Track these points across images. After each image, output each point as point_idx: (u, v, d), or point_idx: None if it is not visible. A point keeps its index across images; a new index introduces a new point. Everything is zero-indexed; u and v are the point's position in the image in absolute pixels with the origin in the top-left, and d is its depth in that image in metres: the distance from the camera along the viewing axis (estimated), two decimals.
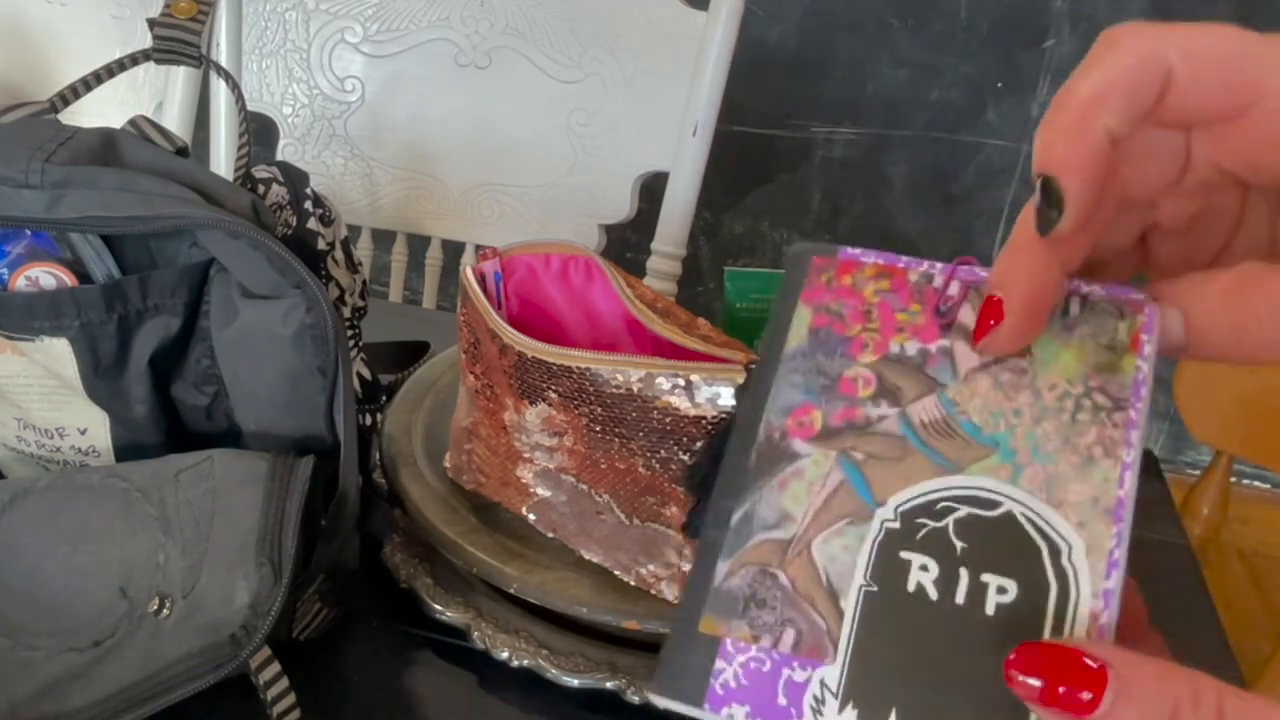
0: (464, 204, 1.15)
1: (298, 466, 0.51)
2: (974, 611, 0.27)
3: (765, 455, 0.30)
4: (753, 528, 0.29)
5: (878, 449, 0.30)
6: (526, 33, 1.10)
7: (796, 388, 0.31)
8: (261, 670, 0.47)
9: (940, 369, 0.30)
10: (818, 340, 0.31)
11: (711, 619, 0.28)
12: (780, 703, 0.27)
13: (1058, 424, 0.29)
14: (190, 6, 0.55)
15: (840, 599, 0.28)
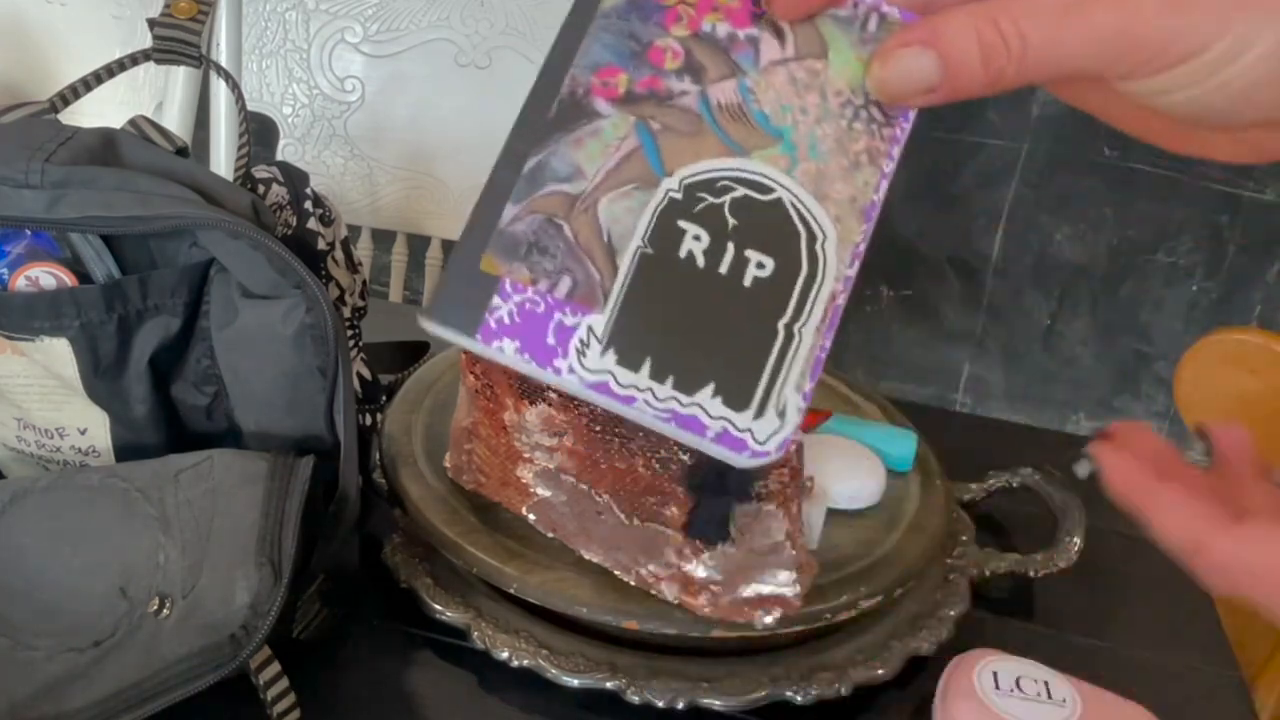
0: (464, 204, 1.15)
1: (298, 466, 0.51)
2: (734, 281, 0.30)
3: (566, 108, 0.31)
4: (544, 177, 0.30)
5: (674, 121, 0.31)
6: (526, 33, 1.10)
7: (607, 48, 0.31)
8: (261, 670, 0.47)
9: (744, 56, 0.32)
10: (635, 3, 0.32)
11: (493, 258, 0.30)
12: (549, 341, 0.29)
13: (835, 128, 0.31)
14: (190, 6, 0.55)
15: (617, 256, 0.30)
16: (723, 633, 0.50)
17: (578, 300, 0.30)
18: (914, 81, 0.30)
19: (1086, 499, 0.64)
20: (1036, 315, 1.99)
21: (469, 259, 0.30)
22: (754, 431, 0.29)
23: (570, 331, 0.29)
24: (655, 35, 0.32)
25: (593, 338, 0.29)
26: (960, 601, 0.58)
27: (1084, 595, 0.64)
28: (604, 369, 0.29)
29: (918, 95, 0.30)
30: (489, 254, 0.30)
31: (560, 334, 0.29)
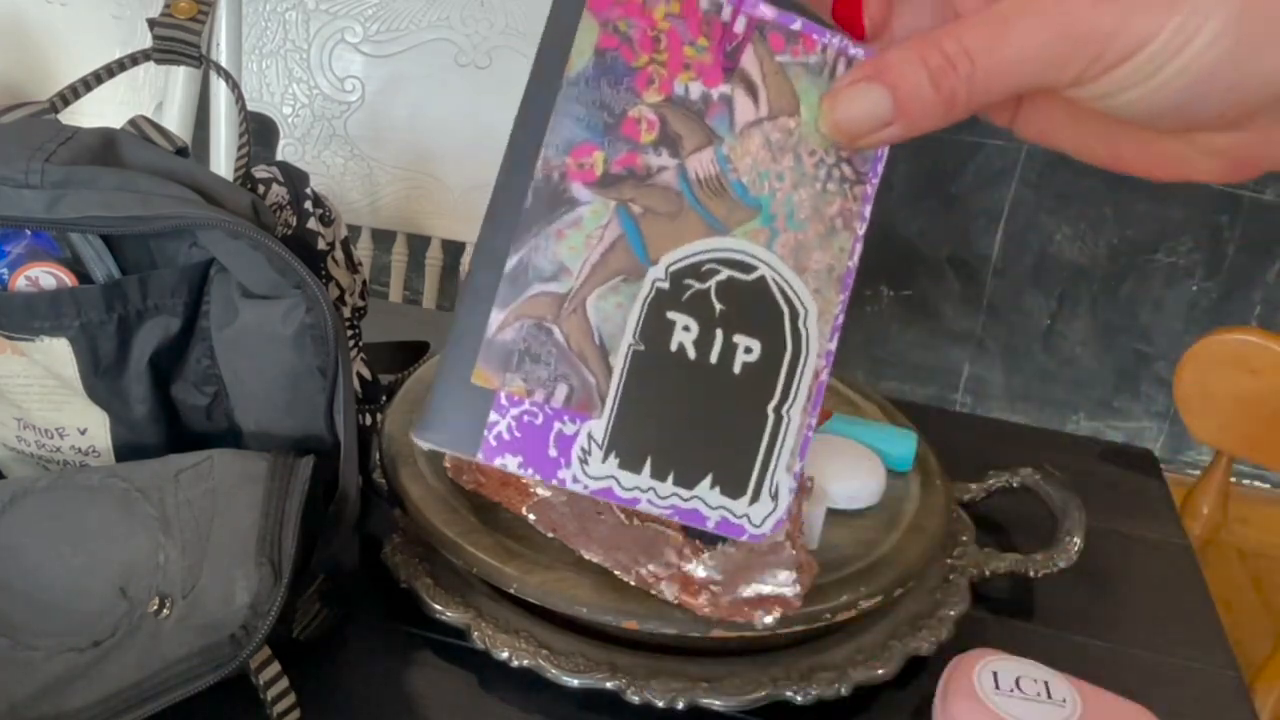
0: (464, 204, 1.15)
1: (298, 466, 0.51)
2: (724, 369, 0.30)
3: (543, 196, 0.30)
4: (528, 277, 0.29)
5: (655, 203, 0.30)
6: (526, 33, 1.10)
7: (579, 122, 0.30)
8: (261, 670, 0.47)
9: (719, 120, 0.31)
10: (604, 65, 0.30)
11: (485, 371, 0.29)
12: (551, 453, 0.29)
13: (811, 192, 0.31)
14: (190, 6, 0.55)
15: (610, 356, 0.30)
16: (723, 633, 0.50)
17: (575, 408, 0.29)
18: (867, 117, 0.30)
19: (1086, 499, 0.64)
20: (1036, 315, 1.99)
21: (459, 373, 0.29)
22: (750, 516, 0.30)
23: (571, 440, 0.29)
24: (628, 103, 0.30)
25: (593, 444, 0.29)
26: (960, 601, 0.58)
27: (1084, 595, 0.64)
28: (607, 474, 0.29)
29: (874, 131, 0.30)
30: (480, 367, 0.29)
31: (561, 444, 0.29)
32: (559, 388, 0.29)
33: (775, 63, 0.31)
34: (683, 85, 0.31)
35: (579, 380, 0.29)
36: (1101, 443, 0.82)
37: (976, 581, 0.60)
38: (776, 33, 0.31)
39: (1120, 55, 0.28)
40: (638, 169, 0.30)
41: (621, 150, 0.30)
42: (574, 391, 0.29)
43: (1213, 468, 1.09)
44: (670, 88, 0.31)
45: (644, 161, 0.30)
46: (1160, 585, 0.66)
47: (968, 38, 0.28)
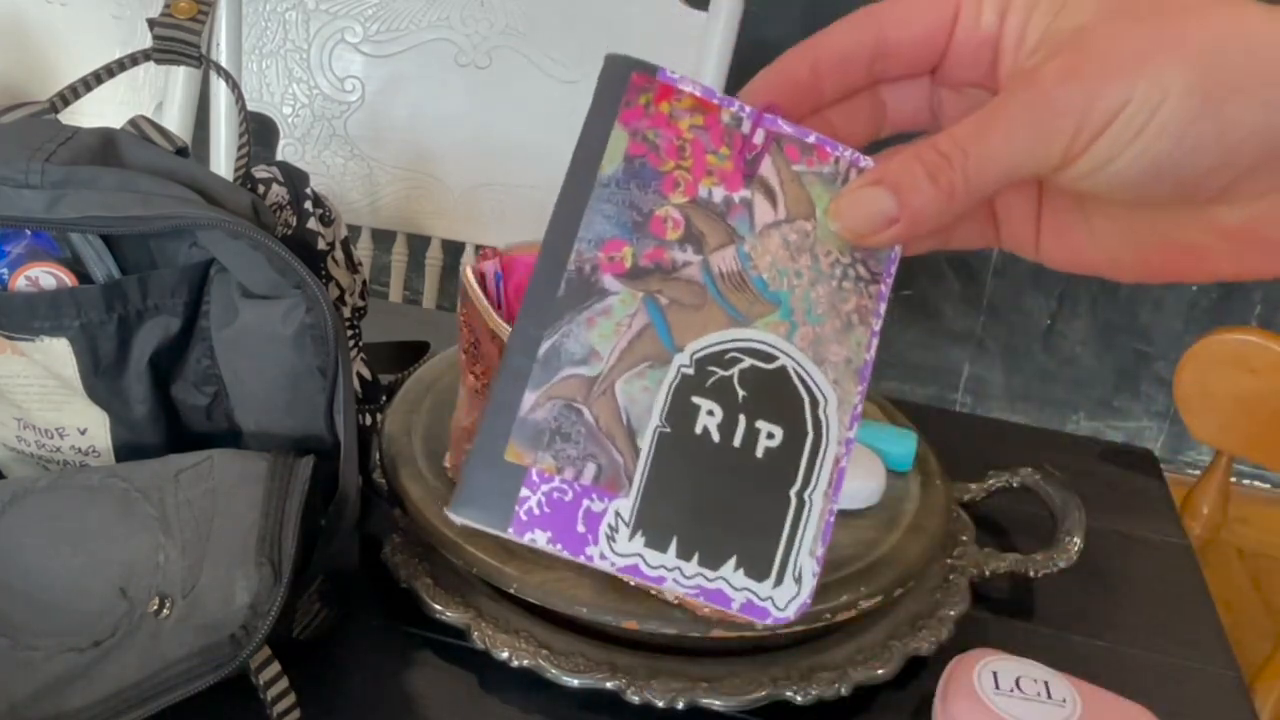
0: (464, 204, 1.15)
1: (298, 466, 0.51)
2: (747, 453, 0.31)
3: (575, 286, 0.31)
4: (560, 361, 0.31)
5: (681, 295, 0.32)
6: (526, 33, 1.10)
7: (609, 219, 0.32)
8: (261, 670, 0.47)
9: (740, 221, 0.33)
10: (633, 169, 0.32)
11: (517, 448, 0.30)
12: (579, 530, 0.30)
13: (828, 289, 0.33)
14: (190, 6, 0.55)
15: (637, 437, 0.31)
16: (723, 633, 0.50)
17: (603, 486, 0.30)
18: (872, 216, 0.32)
19: (1086, 499, 0.64)
20: (1036, 315, 1.99)
21: (493, 449, 0.30)
22: (774, 599, 0.31)
23: (599, 518, 0.30)
24: (655, 204, 0.32)
25: (620, 522, 0.30)
26: (960, 601, 0.58)
27: (1084, 595, 0.64)
28: (634, 552, 0.30)
29: (882, 229, 0.32)
30: (513, 444, 0.30)
31: (589, 520, 0.30)
32: (588, 466, 0.30)
33: (792, 171, 0.33)
34: (706, 189, 0.33)
35: (607, 460, 0.30)
36: (1101, 443, 0.82)
37: (976, 581, 0.60)
38: (792, 145, 0.33)
39: (1098, 126, 0.29)
40: (664, 263, 0.32)
41: (649, 246, 0.32)
42: (602, 470, 0.30)
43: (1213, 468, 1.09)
44: (694, 191, 0.32)
45: (670, 256, 0.32)
46: (1160, 585, 0.66)
47: (958, 133, 0.30)
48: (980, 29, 0.33)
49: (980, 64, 0.33)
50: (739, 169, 0.33)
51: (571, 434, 0.30)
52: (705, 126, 0.33)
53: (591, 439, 0.30)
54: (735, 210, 0.33)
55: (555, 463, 0.30)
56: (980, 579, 0.61)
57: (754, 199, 0.33)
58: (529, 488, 0.30)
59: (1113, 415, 2.05)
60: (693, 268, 0.32)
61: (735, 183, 0.33)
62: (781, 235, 0.33)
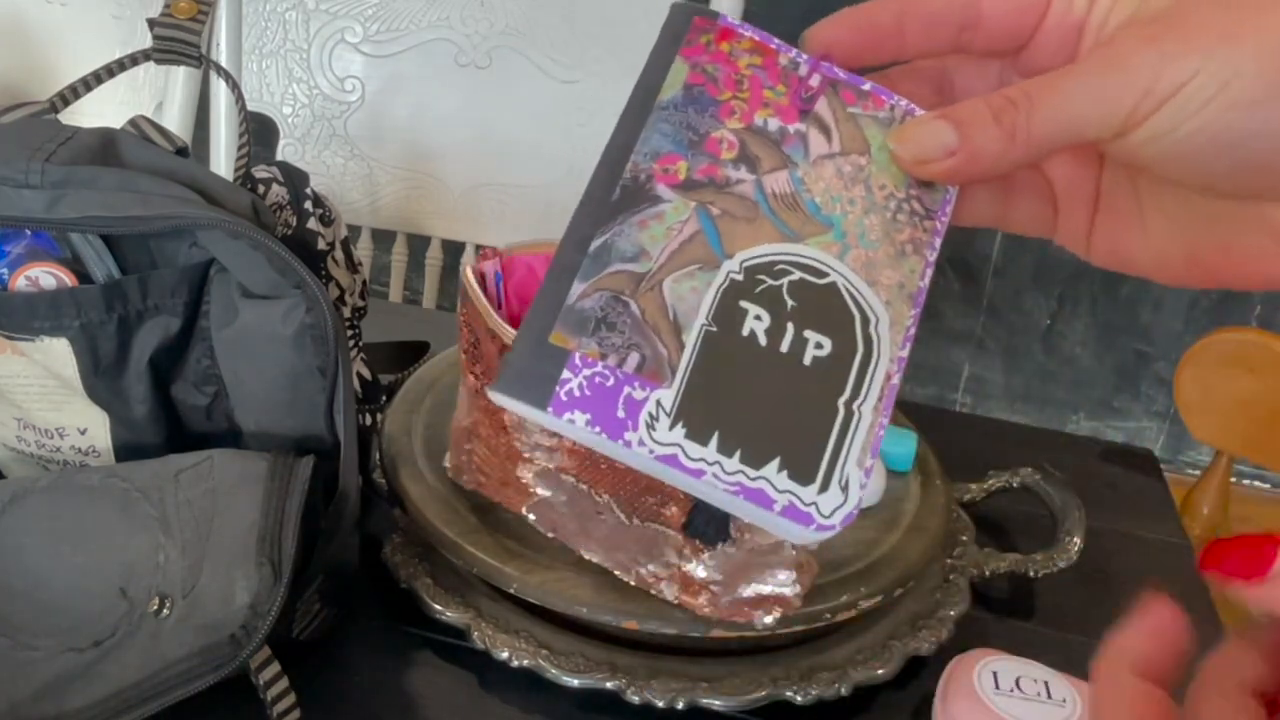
0: (464, 204, 1.15)
1: (298, 466, 0.51)
2: (794, 359, 0.31)
3: (630, 192, 0.32)
4: (610, 257, 0.31)
5: (732, 207, 0.32)
6: (526, 33, 1.10)
7: (666, 137, 0.33)
8: (261, 670, 0.47)
9: (794, 149, 0.33)
10: (691, 96, 0.33)
11: (562, 333, 0.30)
12: (619, 415, 0.30)
13: (881, 219, 0.33)
14: (190, 6, 0.55)
15: (683, 333, 0.31)
16: (723, 633, 0.50)
17: (646, 375, 0.30)
18: (932, 144, 0.32)
19: (1086, 499, 0.64)
20: (1036, 315, 1.99)
21: (538, 333, 0.30)
22: (819, 505, 0.30)
23: (640, 405, 0.30)
24: (711, 127, 0.33)
25: (661, 411, 0.30)
26: (960, 601, 0.58)
27: (1084, 595, 0.64)
28: (673, 442, 0.30)
29: (940, 158, 0.32)
30: (558, 329, 0.30)
31: (630, 407, 0.30)
32: (631, 355, 0.30)
33: (847, 112, 0.34)
34: (762, 119, 0.33)
35: (651, 350, 0.30)
36: (1101, 443, 0.82)
37: (976, 581, 0.60)
38: (848, 89, 0.34)
39: (1165, 92, 0.29)
40: (717, 178, 0.32)
41: (703, 162, 0.32)
42: (645, 360, 0.30)
43: (1213, 468, 1.09)
44: (750, 118, 0.33)
45: (724, 173, 0.32)
46: (1160, 585, 0.66)
47: (1028, 83, 0.31)
48: (1071, 13, 0.33)
49: (1064, 50, 0.33)
50: (795, 105, 0.33)
51: (617, 323, 0.30)
52: (763, 66, 0.34)
53: (637, 329, 0.30)
54: (790, 139, 0.33)
55: (599, 349, 0.30)
56: (980, 579, 0.61)
57: (809, 131, 0.33)
58: (571, 370, 0.30)
59: (1113, 415, 2.05)
60: (746, 185, 0.32)
61: (791, 116, 0.33)
62: (835, 165, 0.33)
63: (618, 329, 0.30)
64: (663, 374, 0.30)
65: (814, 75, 0.34)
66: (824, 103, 0.34)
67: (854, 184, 0.33)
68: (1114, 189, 0.35)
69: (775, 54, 0.34)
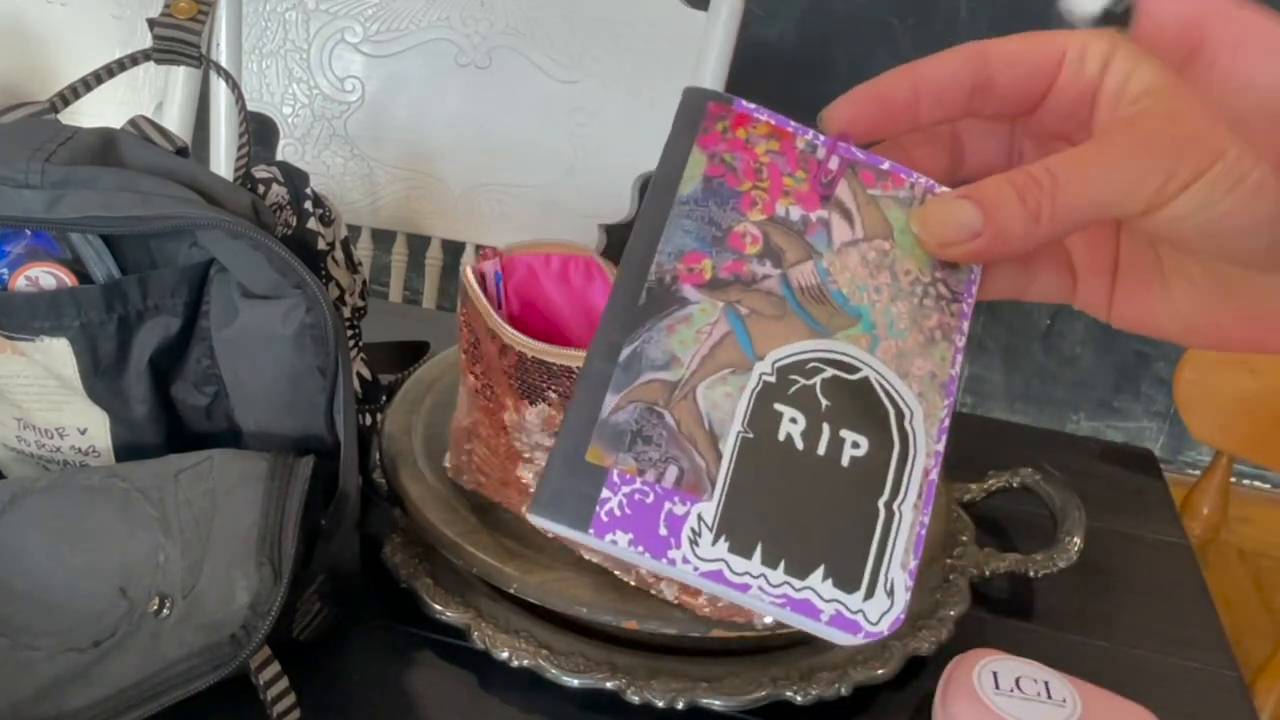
0: (464, 204, 1.15)
1: (298, 466, 0.51)
2: (832, 462, 0.31)
3: (656, 295, 0.31)
4: (641, 366, 0.31)
5: (760, 305, 0.32)
6: (526, 33, 1.10)
7: (689, 234, 0.32)
8: (261, 670, 0.47)
9: (818, 238, 0.33)
10: (711, 189, 0.33)
11: (599, 449, 0.30)
12: (661, 533, 0.29)
13: (909, 305, 0.33)
14: (190, 6, 0.55)
15: (720, 442, 0.30)
16: (723, 633, 0.50)
17: (685, 489, 0.30)
18: (958, 226, 0.31)
19: (1086, 499, 0.64)
20: (1036, 315, 1.99)
21: (574, 451, 0.30)
22: (866, 612, 0.30)
23: (681, 521, 0.29)
24: (733, 221, 0.32)
25: (703, 526, 0.30)
26: (960, 601, 0.58)
27: (1084, 595, 0.64)
28: (717, 558, 0.29)
29: (964, 240, 0.31)
30: (594, 445, 0.30)
31: (671, 523, 0.29)
32: (669, 469, 0.30)
33: (867, 194, 0.33)
34: (783, 208, 0.33)
35: (689, 463, 0.30)
36: (1101, 443, 0.82)
37: (976, 581, 0.60)
38: (867, 170, 0.34)
39: (1192, 173, 0.29)
40: (744, 275, 0.32)
41: (728, 259, 0.32)
42: (684, 474, 0.30)
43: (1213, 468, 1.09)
44: (772, 209, 0.33)
45: (749, 269, 0.32)
46: (1160, 585, 0.66)
47: (1052, 161, 0.30)
48: (1083, 78, 0.32)
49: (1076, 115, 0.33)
50: (815, 190, 0.33)
51: (653, 436, 0.30)
52: (781, 151, 0.33)
53: (673, 441, 0.30)
54: (813, 228, 0.33)
55: (637, 464, 0.30)
56: (980, 579, 0.61)
57: (831, 218, 0.33)
58: (610, 489, 0.29)
59: (1113, 415, 2.05)
60: (772, 280, 0.32)
61: (812, 203, 0.33)
62: (860, 253, 0.33)
63: (654, 442, 0.30)
64: (702, 486, 0.30)
65: (832, 158, 0.33)
66: (844, 186, 0.33)
67: (879, 271, 0.33)
68: (1134, 257, 0.35)
69: (792, 137, 0.34)
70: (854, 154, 0.33)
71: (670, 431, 0.30)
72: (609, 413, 0.30)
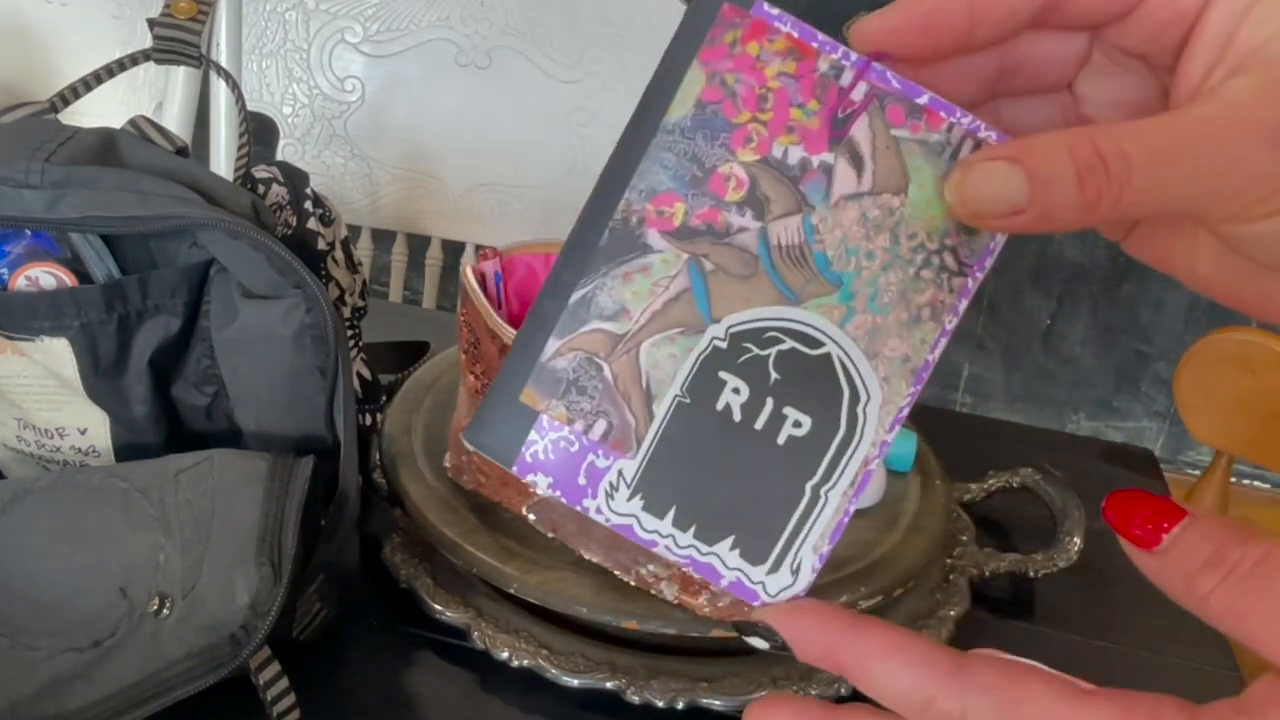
0: (464, 204, 1.15)
1: (298, 466, 0.51)
2: (767, 438, 0.30)
3: (618, 237, 0.30)
4: (589, 313, 0.30)
5: (728, 262, 0.30)
6: (526, 33, 1.10)
7: (667, 170, 0.30)
8: (261, 670, 0.47)
9: (814, 187, 0.29)
10: (703, 117, 0.30)
11: (533, 392, 0.30)
12: (580, 481, 0.30)
13: (901, 276, 0.30)
14: (190, 6, 0.55)
15: (654, 403, 0.30)
16: (723, 633, 0.50)
17: (611, 444, 0.30)
18: (998, 198, 0.27)
19: (1086, 499, 0.64)
20: (1036, 315, 1.99)
21: (510, 389, 0.30)
22: (765, 585, 0.30)
23: (601, 473, 0.30)
24: (719, 159, 0.30)
25: (622, 481, 0.30)
26: (960, 601, 0.58)
27: (1084, 595, 0.64)
28: (630, 513, 0.30)
29: (1003, 215, 0.27)
30: (529, 387, 0.30)
31: (591, 474, 0.30)
32: (598, 422, 0.30)
33: (890, 136, 0.29)
34: (782, 147, 0.29)
35: (619, 419, 0.30)
36: (1101, 443, 0.82)
37: (976, 581, 0.60)
38: (898, 105, 0.29)
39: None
40: (717, 225, 0.30)
41: (704, 204, 0.30)
42: (612, 429, 0.30)
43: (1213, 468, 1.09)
44: (768, 148, 0.30)
45: (725, 219, 0.30)
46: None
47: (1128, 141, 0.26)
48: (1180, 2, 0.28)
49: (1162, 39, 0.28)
50: (826, 128, 0.29)
51: (588, 388, 0.30)
52: (796, 75, 0.29)
53: (607, 396, 0.30)
54: (811, 175, 0.29)
55: (567, 413, 0.30)
56: (980, 579, 0.60)
57: (836, 164, 0.29)
58: (538, 431, 0.30)
59: (1113, 415, 2.05)
60: (748, 235, 0.29)
61: (818, 144, 0.29)
62: (860, 209, 0.29)
63: (588, 393, 0.30)
64: (628, 444, 0.30)
65: (858, 85, 0.29)
66: (863, 124, 0.29)
67: (878, 232, 0.29)
68: None
69: (815, 55, 0.29)
70: (888, 81, 0.29)
71: (606, 385, 0.30)
72: (549, 357, 0.30)
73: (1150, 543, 0.29)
